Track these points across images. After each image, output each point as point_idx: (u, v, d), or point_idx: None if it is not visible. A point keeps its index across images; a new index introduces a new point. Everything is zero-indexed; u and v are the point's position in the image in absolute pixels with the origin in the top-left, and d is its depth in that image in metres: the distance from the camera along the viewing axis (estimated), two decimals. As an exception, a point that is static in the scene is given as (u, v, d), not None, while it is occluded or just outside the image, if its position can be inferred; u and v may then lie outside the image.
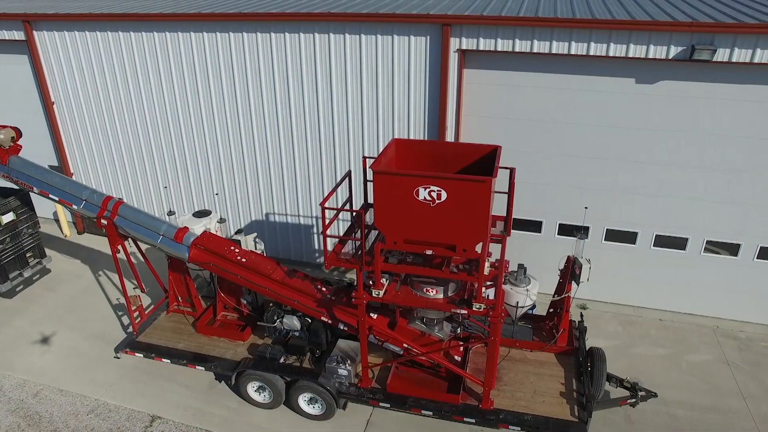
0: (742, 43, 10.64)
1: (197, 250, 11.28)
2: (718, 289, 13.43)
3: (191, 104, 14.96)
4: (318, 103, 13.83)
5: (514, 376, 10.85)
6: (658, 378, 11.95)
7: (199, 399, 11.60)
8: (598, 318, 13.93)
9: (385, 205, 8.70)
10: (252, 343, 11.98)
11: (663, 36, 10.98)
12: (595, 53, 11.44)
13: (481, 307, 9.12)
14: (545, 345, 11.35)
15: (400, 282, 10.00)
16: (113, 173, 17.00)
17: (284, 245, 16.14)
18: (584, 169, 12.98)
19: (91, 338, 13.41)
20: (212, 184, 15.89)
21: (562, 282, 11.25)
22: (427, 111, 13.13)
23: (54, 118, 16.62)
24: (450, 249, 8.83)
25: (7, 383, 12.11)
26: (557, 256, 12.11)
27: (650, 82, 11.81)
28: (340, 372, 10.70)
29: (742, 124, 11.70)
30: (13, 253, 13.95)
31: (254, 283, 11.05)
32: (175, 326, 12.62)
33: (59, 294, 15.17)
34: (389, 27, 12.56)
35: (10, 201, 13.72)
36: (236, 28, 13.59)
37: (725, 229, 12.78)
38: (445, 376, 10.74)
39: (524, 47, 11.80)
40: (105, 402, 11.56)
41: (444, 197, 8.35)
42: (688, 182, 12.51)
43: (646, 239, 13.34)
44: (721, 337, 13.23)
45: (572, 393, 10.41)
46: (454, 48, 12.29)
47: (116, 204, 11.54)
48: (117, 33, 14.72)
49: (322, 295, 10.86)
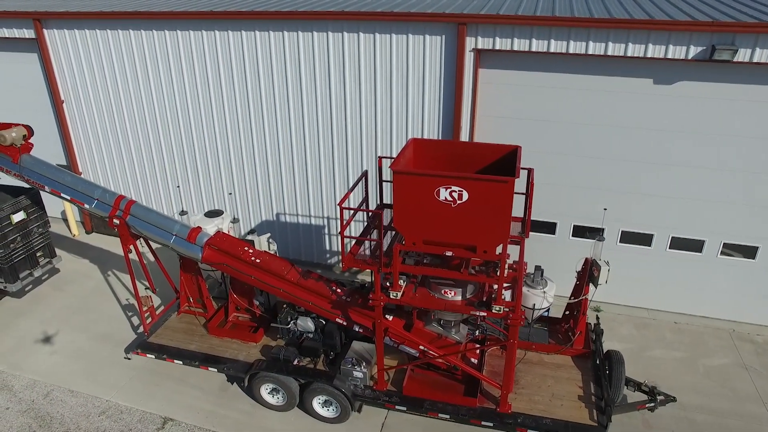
0: (764, 44, 10.50)
1: (211, 250, 11.16)
2: (735, 292, 13.28)
3: (202, 103, 14.85)
4: (330, 103, 13.71)
5: (531, 379, 10.71)
6: (675, 382, 11.81)
7: (212, 401, 11.48)
8: (612, 320, 13.78)
9: (404, 205, 8.59)
10: (265, 344, 11.85)
11: (683, 36, 10.85)
12: (613, 53, 11.31)
13: (501, 309, 8.99)
14: (562, 348, 11.22)
15: (417, 283, 9.88)
16: (122, 172, 16.90)
17: (295, 246, 16.02)
18: (600, 170, 12.84)
19: (100, 339, 13.30)
20: (223, 183, 15.77)
21: (579, 284, 11.12)
22: (442, 111, 13.00)
23: (63, 116, 16.52)
24: (470, 250, 8.72)
25: (17, 384, 12.00)
26: (571, 258, 11.96)
27: (668, 82, 11.67)
28: (355, 374, 10.56)
29: (761, 126, 11.55)
30: (23, 253, 13.80)
31: (268, 284, 10.93)
32: (187, 327, 12.50)
33: (68, 294, 15.06)
34: (404, 26, 12.44)
35: (21, 200, 13.58)
36: (248, 26, 13.48)
37: (742, 231, 12.63)
38: (461, 379, 10.61)
39: (541, 47, 11.67)
40: (116, 403, 11.45)
41: (465, 197, 8.24)
42: (705, 184, 12.36)
43: (662, 241, 13.20)
44: (737, 341, 13.08)
45: (590, 397, 10.27)
46: (469, 47, 12.16)
47: (128, 203, 11.41)
48: (128, 31, 14.62)
49: (337, 297, 10.74)
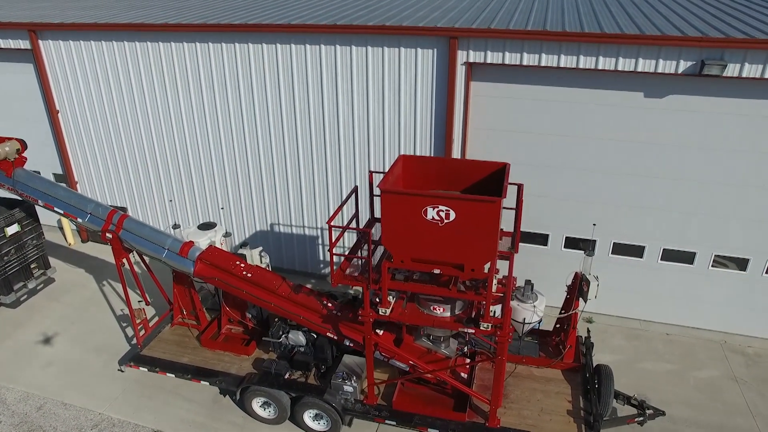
0: (752, 59, 10.55)
1: (202, 264, 11.22)
2: (726, 303, 13.32)
3: (196, 114, 14.90)
4: (324, 115, 13.75)
5: (521, 393, 10.76)
6: (665, 394, 11.86)
7: (204, 414, 11.53)
8: (604, 331, 13.83)
9: (392, 224, 8.64)
10: (257, 357, 11.90)
11: (673, 51, 10.90)
12: (603, 67, 11.36)
13: (488, 326, 9.05)
14: (552, 361, 11.26)
15: (407, 299, 9.93)
16: (118, 182, 16.96)
17: (289, 256, 16.07)
18: (592, 182, 12.89)
19: (94, 350, 13.36)
20: (217, 193, 15.83)
21: (569, 298, 11.17)
22: (434, 123, 13.05)
23: (59, 126, 16.59)
24: (458, 268, 8.77)
25: (10, 396, 12.06)
26: (563, 269, 12.02)
27: (659, 96, 11.72)
28: (345, 388, 10.62)
29: (751, 139, 11.60)
30: (17, 265, 13.88)
31: (260, 298, 10.99)
32: (180, 339, 12.56)
33: (63, 304, 15.12)
34: (396, 39, 12.49)
35: (15, 213, 13.65)
36: (241, 38, 13.53)
37: (734, 243, 12.67)
38: (451, 393, 10.66)
39: (532, 61, 11.72)
40: (109, 416, 11.51)
41: (452, 217, 8.28)
42: (696, 196, 12.41)
43: (653, 253, 13.24)
44: (728, 353, 13.12)
45: (579, 411, 10.32)
46: (461, 61, 12.21)
47: (121, 218, 11.48)
48: (122, 43, 14.69)
49: (328, 311, 10.79)
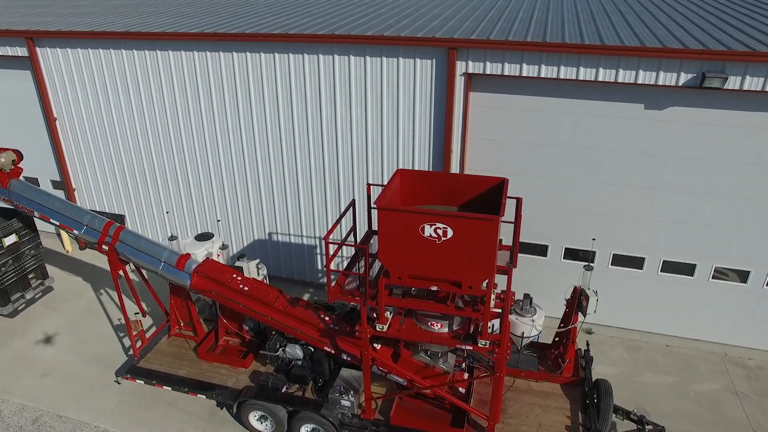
0: (754, 72, 10.46)
1: (199, 277, 11.15)
2: (726, 315, 13.23)
3: (194, 123, 14.83)
4: (322, 125, 13.66)
5: (519, 408, 10.67)
6: (665, 408, 11.77)
7: (201, 427, 11.46)
8: (604, 343, 13.75)
9: (389, 240, 8.56)
10: (254, 370, 11.83)
11: (673, 63, 10.81)
12: (603, 79, 11.27)
13: (486, 343, 8.97)
14: (550, 375, 11.18)
15: (404, 315, 9.85)
16: (116, 190, 16.90)
17: (287, 265, 16.00)
18: (591, 193, 12.80)
19: (91, 361, 13.29)
20: (215, 200, 15.76)
21: (568, 312, 11.09)
22: (433, 134, 12.97)
23: (56, 134, 16.53)
24: (455, 285, 8.69)
25: (6, 409, 11.99)
26: (562, 280, 11.94)
27: (659, 108, 11.63)
28: (342, 403, 10.54)
29: (752, 152, 11.51)
30: (15, 276, 13.81)
31: (257, 312, 10.91)
32: (177, 351, 12.48)
33: (60, 313, 15.05)
34: (394, 50, 12.40)
35: (13, 223, 13.58)
36: (239, 47, 13.45)
37: (734, 255, 12.58)
38: (449, 408, 10.58)
39: (532, 72, 11.63)
40: (105, 429, 11.43)
41: (450, 234, 8.21)
42: (697, 208, 12.32)
43: (653, 264, 13.16)
44: (729, 365, 13.03)
45: (578, 427, 10.23)
46: (460, 71, 12.13)
47: (117, 230, 11.41)
48: (120, 51, 14.61)
49: (325, 325, 10.72)
